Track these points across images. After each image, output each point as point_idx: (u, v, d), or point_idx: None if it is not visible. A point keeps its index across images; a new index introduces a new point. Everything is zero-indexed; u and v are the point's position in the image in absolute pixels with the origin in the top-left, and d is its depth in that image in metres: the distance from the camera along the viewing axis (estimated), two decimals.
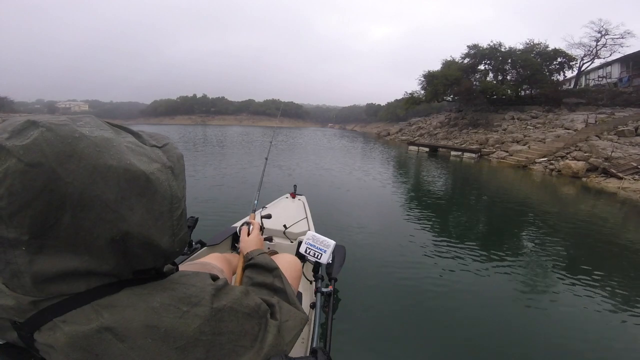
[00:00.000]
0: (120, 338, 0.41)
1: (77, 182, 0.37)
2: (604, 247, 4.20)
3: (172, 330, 0.43)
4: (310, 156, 13.33)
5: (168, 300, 0.46)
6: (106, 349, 0.41)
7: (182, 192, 0.51)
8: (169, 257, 0.50)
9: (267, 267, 0.73)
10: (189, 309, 0.46)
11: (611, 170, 9.75)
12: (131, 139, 0.47)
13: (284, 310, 0.60)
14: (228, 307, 0.49)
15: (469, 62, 24.13)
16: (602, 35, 20.00)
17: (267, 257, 0.77)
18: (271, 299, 0.61)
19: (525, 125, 17.02)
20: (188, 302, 0.46)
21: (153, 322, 0.43)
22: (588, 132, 13.02)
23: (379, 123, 51.79)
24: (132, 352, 0.41)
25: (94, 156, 0.39)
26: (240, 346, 0.49)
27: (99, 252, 0.41)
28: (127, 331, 0.42)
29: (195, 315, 0.46)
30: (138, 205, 0.43)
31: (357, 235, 3.99)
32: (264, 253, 0.81)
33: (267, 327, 0.53)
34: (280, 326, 0.56)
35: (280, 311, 0.59)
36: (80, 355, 0.41)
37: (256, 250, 0.83)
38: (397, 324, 2.29)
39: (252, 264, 0.76)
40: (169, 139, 0.54)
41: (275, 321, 0.56)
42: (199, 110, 78.58)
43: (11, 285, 0.41)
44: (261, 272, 0.73)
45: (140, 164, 0.44)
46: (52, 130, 0.37)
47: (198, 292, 0.48)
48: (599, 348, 2.17)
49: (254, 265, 0.76)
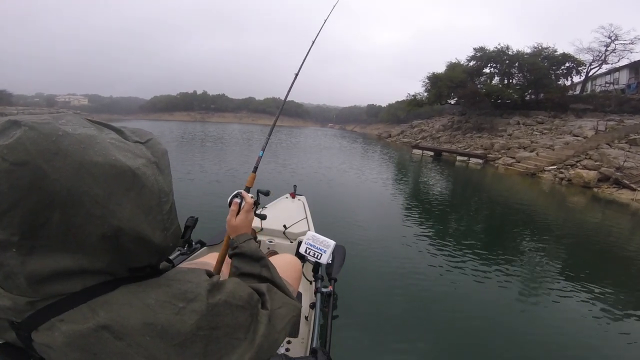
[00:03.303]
0: (117, 336, 0.41)
1: (64, 179, 0.37)
2: (611, 258, 4.16)
3: (169, 327, 0.43)
4: (311, 156, 13.15)
5: (164, 296, 0.45)
6: (104, 347, 0.41)
7: (169, 186, 0.51)
8: (163, 252, 0.49)
9: (254, 257, 0.72)
10: (185, 305, 0.46)
11: (624, 181, 9.38)
12: (114, 136, 0.46)
13: (274, 298, 0.60)
14: (223, 300, 0.49)
15: (474, 64, 23.67)
16: (612, 40, 19.62)
17: (253, 245, 0.76)
18: (261, 287, 0.60)
19: (532, 131, 16.66)
20: (184, 298, 0.46)
21: (149, 320, 0.43)
22: (598, 139, 12.65)
23: (379, 124, 51.46)
24: (130, 349, 0.41)
25: (79, 153, 0.38)
26: (236, 338, 0.49)
27: (91, 250, 0.41)
28: (124, 329, 0.42)
29: (192, 311, 0.45)
30: (126, 200, 0.42)
31: (357, 236, 3.94)
32: (250, 239, 0.78)
33: (258, 318, 0.53)
34: (271, 315, 0.55)
35: (271, 299, 0.58)
36: (78, 355, 0.41)
37: (242, 236, 0.79)
38: (397, 324, 2.29)
39: (238, 253, 0.75)
40: (152, 135, 0.53)
41: (266, 310, 0.55)
42: (199, 107, 78.00)
43: (6, 286, 0.40)
44: (248, 261, 0.71)
45: (125, 159, 0.43)
46: (35, 129, 0.37)
47: (194, 288, 0.48)
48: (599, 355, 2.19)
49: (240, 254, 0.74)
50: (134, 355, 0.41)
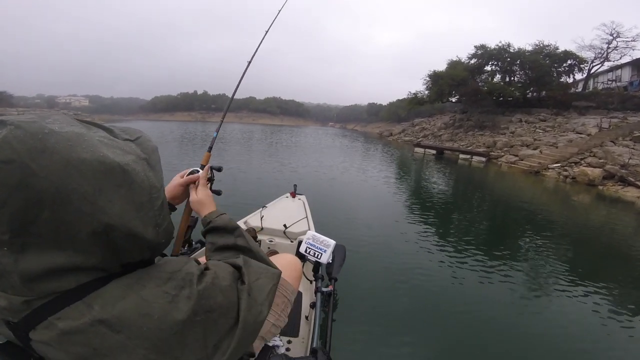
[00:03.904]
0: (115, 330, 0.41)
1: (52, 176, 0.37)
2: (616, 256, 4.12)
3: (165, 316, 0.44)
4: (311, 155, 13.07)
5: (156, 287, 0.46)
6: (103, 341, 0.41)
7: (160, 183, 0.50)
8: (155, 248, 0.49)
9: (227, 229, 0.72)
10: (178, 293, 0.46)
11: (629, 179, 9.28)
12: (103, 134, 0.46)
13: (251, 270, 0.59)
14: (210, 283, 0.50)
15: (475, 62, 23.54)
16: (614, 37, 19.48)
17: (226, 218, 0.76)
18: (237, 262, 0.60)
19: (534, 129, 16.56)
20: (175, 286, 0.47)
21: (144, 310, 0.43)
22: (602, 137, 12.55)
23: (380, 123, 51.27)
24: (129, 342, 0.42)
25: (66, 150, 0.38)
26: (231, 317, 0.50)
27: (83, 247, 0.41)
28: (120, 322, 0.42)
29: (185, 298, 0.46)
30: (116, 196, 0.42)
31: (358, 235, 3.91)
32: (223, 214, 0.78)
33: (239, 294, 0.54)
34: (249, 289, 0.55)
35: (248, 273, 0.58)
36: (79, 350, 0.41)
37: (213, 213, 0.79)
38: (397, 324, 2.27)
39: (212, 227, 0.74)
40: (142, 132, 0.53)
41: (244, 285, 0.55)
42: (199, 107, 77.93)
43: (1, 285, 0.41)
44: (222, 234, 0.72)
45: (114, 156, 0.43)
46: (20, 128, 0.37)
47: (184, 276, 0.48)
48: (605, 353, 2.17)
49: (214, 229, 0.74)
50: (134, 347, 0.41)
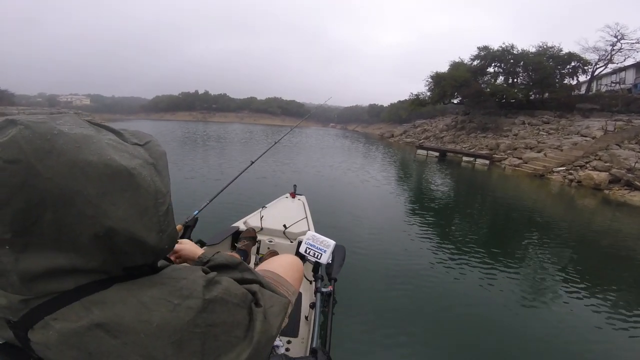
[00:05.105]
0: (112, 334, 0.41)
1: (56, 177, 0.37)
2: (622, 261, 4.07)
3: (165, 324, 0.43)
4: (312, 155, 13.04)
5: (159, 294, 0.45)
6: (99, 346, 0.40)
7: (167, 188, 0.49)
8: (158, 254, 0.48)
9: (230, 265, 0.68)
10: (181, 302, 0.45)
11: (635, 183, 9.13)
12: (112, 137, 0.46)
13: (266, 297, 0.59)
14: (219, 297, 0.48)
15: (478, 64, 23.40)
16: (618, 39, 19.30)
17: (225, 255, 0.73)
18: (252, 287, 0.59)
19: (538, 131, 16.40)
20: (179, 295, 0.45)
21: (144, 317, 0.42)
22: (607, 140, 12.39)
23: (381, 124, 51.03)
24: (126, 348, 0.41)
25: (73, 152, 0.38)
26: (234, 337, 0.48)
27: (84, 249, 0.40)
28: (118, 327, 0.41)
29: (188, 308, 0.45)
30: (121, 200, 0.41)
31: (358, 236, 3.89)
32: (218, 252, 0.75)
33: (254, 315, 0.52)
34: (265, 312, 0.55)
35: (263, 298, 0.58)
36: (74, 353, 0.41)
37: (208, 253, 0.76)
38: (397, 325, 2.27)
39: (212, 265, 0.70)
40: (152, 137, 0.52)
41: (260, 308, 0.55)
42: (200, 107, 77.83)
43: (0, 284, 0.40)
44: (227, 271, 0.67)
45: (121, 159, 0.42)
46: (30, 128, 0.37)
47: (189, 285, 0.47)
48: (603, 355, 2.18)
49: (214, 267, 0.70)
50: (129, 354, 0.40)
